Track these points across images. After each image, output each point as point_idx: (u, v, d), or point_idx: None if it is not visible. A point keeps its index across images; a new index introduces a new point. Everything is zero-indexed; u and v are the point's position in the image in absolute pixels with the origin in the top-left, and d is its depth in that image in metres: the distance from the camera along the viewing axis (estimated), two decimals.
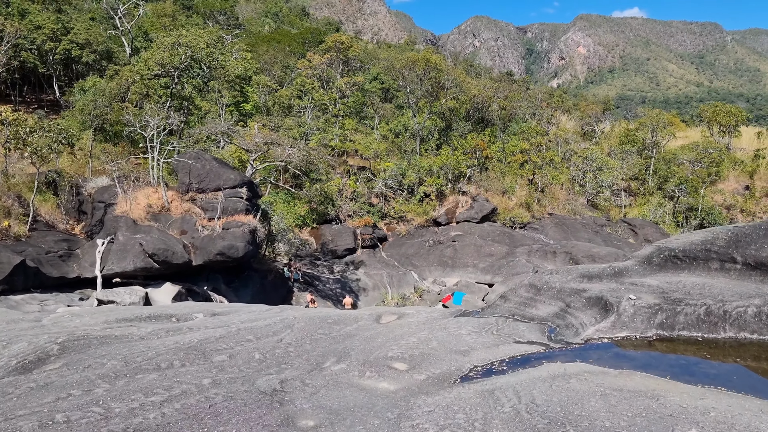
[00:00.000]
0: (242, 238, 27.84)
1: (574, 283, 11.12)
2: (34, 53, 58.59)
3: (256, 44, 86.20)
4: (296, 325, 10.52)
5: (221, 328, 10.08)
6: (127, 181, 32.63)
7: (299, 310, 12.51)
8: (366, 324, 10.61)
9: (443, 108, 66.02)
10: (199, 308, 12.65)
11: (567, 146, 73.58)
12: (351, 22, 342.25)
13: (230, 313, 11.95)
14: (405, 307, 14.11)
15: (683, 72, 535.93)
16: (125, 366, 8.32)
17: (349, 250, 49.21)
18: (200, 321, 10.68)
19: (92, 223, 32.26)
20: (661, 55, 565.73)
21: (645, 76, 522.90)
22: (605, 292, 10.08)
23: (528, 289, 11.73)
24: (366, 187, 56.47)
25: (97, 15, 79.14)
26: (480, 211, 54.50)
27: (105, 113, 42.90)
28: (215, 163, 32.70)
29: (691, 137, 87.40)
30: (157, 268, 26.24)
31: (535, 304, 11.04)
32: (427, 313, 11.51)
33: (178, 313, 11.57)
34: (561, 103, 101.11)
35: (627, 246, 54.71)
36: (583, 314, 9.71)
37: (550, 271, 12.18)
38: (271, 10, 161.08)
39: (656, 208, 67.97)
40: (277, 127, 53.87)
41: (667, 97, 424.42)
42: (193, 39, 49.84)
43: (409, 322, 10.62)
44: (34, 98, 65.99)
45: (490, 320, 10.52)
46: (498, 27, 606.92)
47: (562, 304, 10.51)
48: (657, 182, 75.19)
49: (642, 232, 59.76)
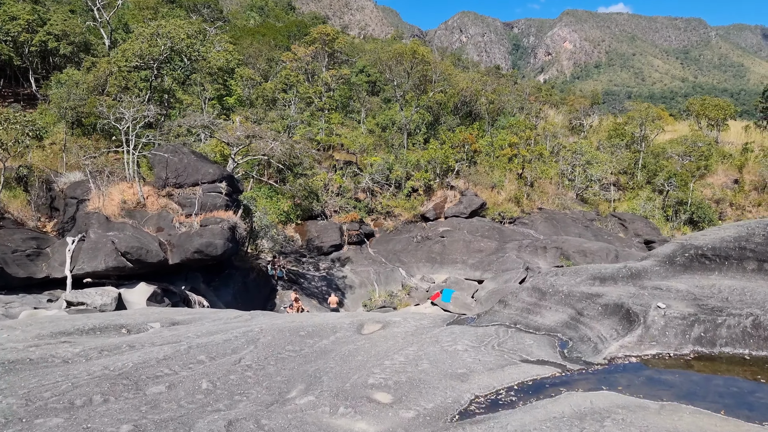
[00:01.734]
0: (221, 235, 26.46)
1: (584, 286, 9.83)
2: (9, 45, 56.58)
3: (240, 37, 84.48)
4: (261, 339, 9.07)
5: (170, 345, 8.63)
6: (101, 176, 31.09)
7: (270, 319, 11.06)
8: (345, 336, 9.27)
9: (431, 101, 64.83)
10: (158, 316, 11.31)
11: (555, 140, 72.78)
12: (338, 17, 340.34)
13: (192, 322, 10.59)
14: (391, 313, 12.48)
15: (668, 67, 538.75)
16: (25, 406, 6.50)
17: (336, 246, 47.95)
18: (151, 334, 9.33)
19: (64, 220, 30.72)
20: (646, 51, 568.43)
21: (630, 71, 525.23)
22: (625, 297, 8.76)
23: (531, 293, 10.45)
24: (352, 182, 55.19)
25: (77, 7, 77.07)
26: (469, 206, 53.40)
27: (78, 106, 41.21)
28: (193, 157, 31.25)
29: (679, 131, 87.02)
30: (130, 267, 24.82)
31: (540, 310, 9.76)
32: (415, 320, 10.19)
33: (131, 323, 10.24)
34: (549, 97, 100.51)
35: (617, 240, 53.95)
36: (600, 325, 8.41)
37: (555, 272, 10.85)
38: (256, 4, 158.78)
39: (645, 202, 67.32)
40: (260, 119, 52.39)
41: (652, 92, 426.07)
42: (173, 29, 48.32)
43: (395, 333, 9.32)
44: (10, 92, 63.86)
45: (489, 331, 9.25)
46: (485, 22, 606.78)
47: (573, 311, 9.25)
48: (646, 176, 74.61)
49: (632, 226, 59.01)
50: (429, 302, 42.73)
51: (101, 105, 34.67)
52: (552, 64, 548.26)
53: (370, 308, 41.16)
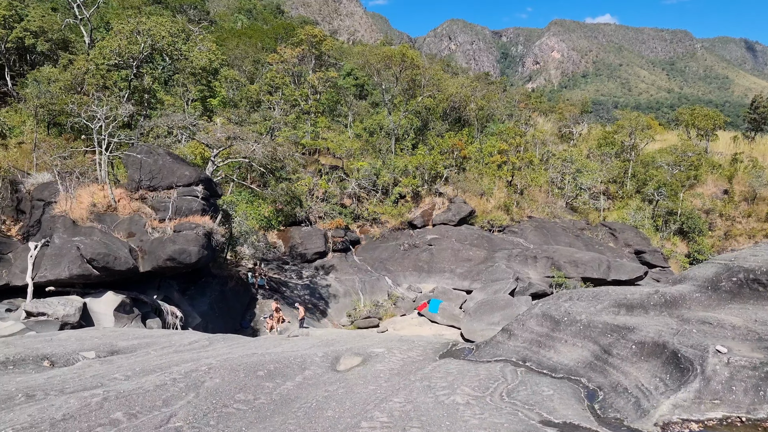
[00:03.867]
0: (195, 242, 24.79)
1: (607, 315, 8.16)
2: None
3: (226, 39, 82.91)
4: (207, 383, 7.14)
5: (81, 395, 6.72)
6: (70, 178, 29.31)
7: (228, 348, 9.29)
8: (316, 375, 7.48)
9: (420, 106, 63.49)
10: (98, 341, 9.66)
11: (545, 148, 71.77)
12: (327, 22, 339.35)
13: (136, 350, 8.97)
14: (373, 340, 10.41)
15: (654, 78, 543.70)
16: None
17: (320, 253, 46.32)
18: (74, 371, 7.70)
19: (30, 223, 28.89)
20: (633, 61, 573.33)
21: (617, 81, 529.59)
22: (666, 334, 6.99)
23: (541, 322, 8.70)
24: (338, 187, 53.59)
25: (59, 5, 75.12)
26: (457, 214, 52.00)
27: (50, 104, 39.35)
28: (169, 159, 29.56)
29: (668, 141, 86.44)
30: (96, 275, 23.07)
31: (554, 344, 8.09)
32: (401, 352, 8.61)
33: (58, 352, 8.62)
34: (539, 104, 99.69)
35: (608, 250, 52.85)
36: (636, 370, 6.66)
37: (569, 296, 9.21)
38: (244, 7, 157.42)
39: (635, 212, 66.51)
40: (242, 121, 50.71)
41: (638, 103, 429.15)
42: (154, 27, 46.62)
43: (378, 371, 7.55)
44: None
45: (493, 370, 7.55)
46: (474, 30, 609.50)
47: (596, 347, 7.58)
48: (635, 185, 73.85)
49: (622, 236, 57.99)
50: (416, 313, 41.26)
51: (72, 103, 32.86)
52: (540, 73, 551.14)
53: (354, 318, 39.61)
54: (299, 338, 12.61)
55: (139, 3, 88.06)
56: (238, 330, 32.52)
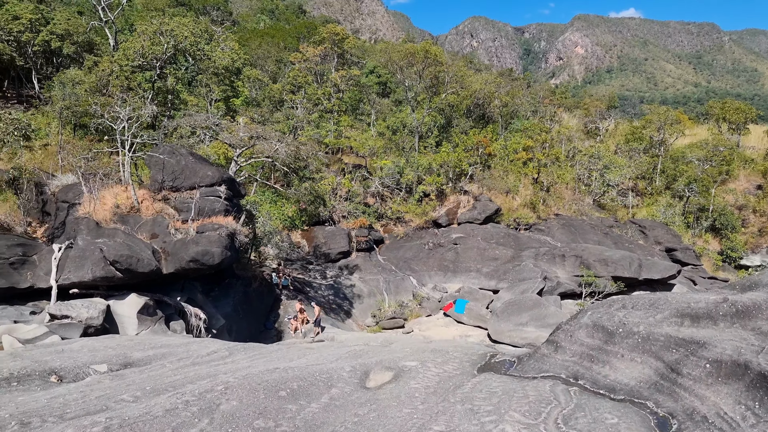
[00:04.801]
0: (218, 243, 24.46)
1: (669, 327, 7.22)
2: (12, 45, 55.15)
3: (248, 39, 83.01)
4: (223, 405, 6.45)
5: (82, 421, 6.00)
6: (94, 179, 29.24)
7: (249, 360, 8.69)
8: (343, 394, 6.82)
9: (443, 103, 62.68)
10: (112, 352, 9.20)
11: (571, 144, 70.48)
12: (349, 21, 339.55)
13: (151, 362, 8.49)
14: (404, 351, 9.45)
15: (681, 72, 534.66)
16: None
17: (343, 253, 45.90)
18: (80, 389, 7.19)
19: (55, 225, 28.90)
20: (658, 56, 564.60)
21: (643, 76, 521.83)
22: (747, 352, 6.03)
23: (591, 333, 7.88)
24: (361, 186, 53.09)
25: (85, 9, 75.95)
26: (483, 212, 51.17)
27: (74, 105, 39.49)
28: (192, 159, 29.32)
29: (699, 135, 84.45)
30: (119, 277, 22.85)
31: (609, 358, 7.24)
32: (436, 366, 7.85)
33: (68, 366, 8.17)
34: (563, 100, 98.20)
35: (638, 248, 51.60)
36: (714, 393, 5.74)
37: (622, 303, 8.33)
38: (266, 7, 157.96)
39: (665, 208, 64.91)
40: (265, 120, 50.45)
41: (665, 97, 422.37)
42: (176, 27, 46.65)
43: (412, 389, 6.87)
44: (14, 93, 62.49)
45: (542, 390, 6.76)
46: (496, 27, 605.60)
47: (660, 364, 6.72)
48: (665, 181, 72.24)
49: (652, 233, 56.61)
50: (441, 313, 40.66)
51: (96, 104, 32.82)
52: (563, 68, 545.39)
53: (379, 319, 39.09)
54: (324, 345, 12.08)
55: (162, 5, 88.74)
56: (262, 331, 32.23)
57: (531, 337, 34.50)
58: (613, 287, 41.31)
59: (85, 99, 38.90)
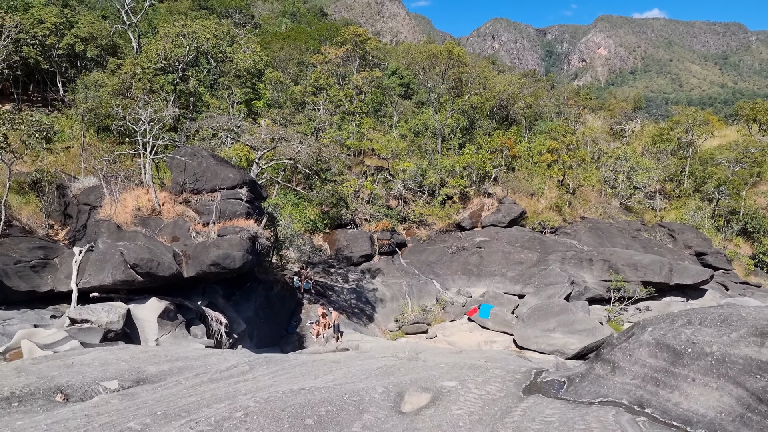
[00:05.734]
0: (239, 246, 23.97)
1: (748, 348, 6.29)
2: (37, 49, 55.58)
3: (270, 41, 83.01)
4: None
5: None
6: (116, 181, 29.02)
7: (271, 376, 7.91)
8: (377, 421, 6.05)
9: (466, 105, 61.81)
10: (125, 366, 8.54)
11: (596, 146, 69.11)
12: (370, 24, 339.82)
13: (166, 378, 7.85)
14: (440, 369, 8.40)
15: (707, 73, 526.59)
16: None
17: (366, 256, 45.27)
18: (85, 411, 6.61)
19: (76, 228, 28.72)
20: (683, 56, 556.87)
21: (667, 77, 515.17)
22: None
23: (654, 352, 6.98)
24: (384, 188, 52.46)
25: (109, 13, 76.57)
26: (507, 215, 50.18)
27: (96, 107, 39.46)
28: (213, 161, 28.94)
29: (728, 137, 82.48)
30: (140, 281, 22.47)
31: (678, 383, 6.37)
32: (477, 387, 7.09)
33: (75, 383, 7.57)
34: (588, 101, 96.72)
35: (668, 252, 50.25)
36: None
37: (687, 318, 7.41)
38: (288, 11, 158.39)
39: (695, 211, 63.24)
40: (287, 121, 50.07)
41: (690, 99, 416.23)
42: (198, 29, 46.52)
43: (454, 417, 6.10)
44: (39, 96, 63.08)
45: (605, 419, 5.88)
46: (517, 29, 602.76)
47: (742, 391, 5.84)
48: (693, 184, 70.55)
49: (681, 237, 55.09)
50: (466, 318, 39.82)
51: (117, 106, 32.65)
52: (586, 70, 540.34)
53: (402, 324, 38.42)
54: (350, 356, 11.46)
55: (185, 9, 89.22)
56: (283, 336, 31.73)
57: (558, 343, 33.57)
58: (643, 292, 40.16)
59: (107, 101, 38.82)
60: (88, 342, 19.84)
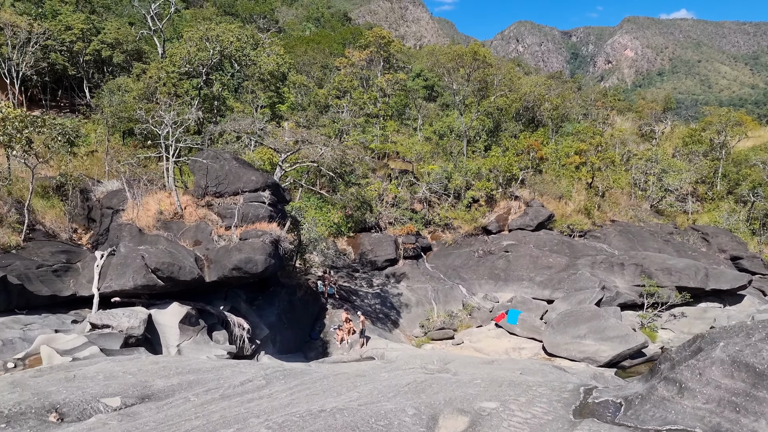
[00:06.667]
0: (262, 250, 23.45)
1: None
2: (65, 55, 56.17)
3: (294, 46, 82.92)
4: None
5: None
6: (138, 185, 28.78)
7: (289, 393, 7.18)
8: None
9: (492, 107, 60.82)
10: (131, 380, 7.87)
11: (625, 148, 67.55)
12: (393, 29, 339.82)
13: (173, 395, 7.19)
14: (477, 392, 7.30)
15: (737, 74, 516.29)
16: None
17: (390, 261, 44.56)
18: None
19: (99, 232, 28.54)
20: (712, 57, 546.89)
21: (696, 78, 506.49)
22: None
23: (730, 372, 6.00)
24: (408, 191, 51.72)
25: (136, 20, 77.26)
26: (535, 218, 49.08)
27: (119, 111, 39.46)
28: (235, 164, 28.53)
29: (762, 137, 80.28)
30: (161, 285, 22.08)
31: (763, 409, 5.48)
32: (521, 408, 6.30)
33: (74, 400, 6.92)
34: (616, 102, 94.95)
35: (702, 257, 48.68)
36: None
37: (765, 330, 6.72)
38: (312, 16, 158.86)
39: (728, 214, 61.36)
40: (310, 124, 49.64)
41: (720, 100, 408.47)
42: (222, 33, 46.41)
43: None
44: (68, 102, 63.74)
45: None
46: (542, 31, 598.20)
47: None
48: (727, 186, 68.66)
49: (715, 241, 53.40)
50: (493, 324, 38.87)
51: (140, 109, 32.48)
52: (612, 72, 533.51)
53: (428, 329, 37.61)
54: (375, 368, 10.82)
55: (210, 14, 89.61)
56: (306, 342, 31.17)
57: (590, 350, 32.51)
58: (677, 298, 38.84)
59: (131, 105, 38.79)
60: (109, 348, 19.49)
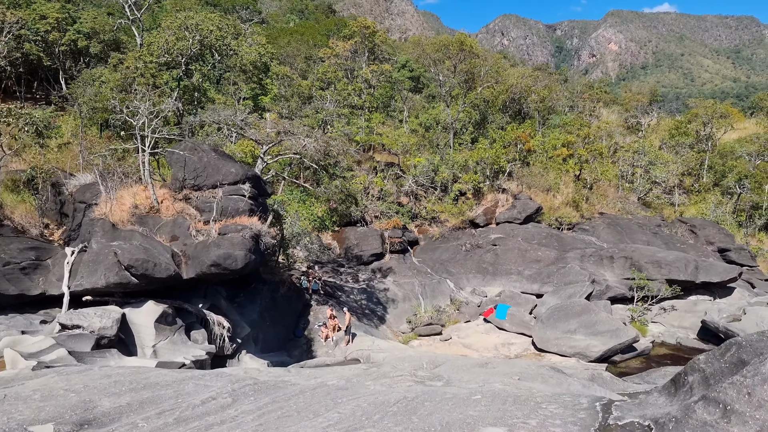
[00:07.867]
0: (241, 246, 22.34)
1: None
2: (39, 45, 54.32)
3: (277, 37, 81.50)
4: None
5: None
6: (113, 178, 27.51)
7: (256, 415, 6.12)
8: None
9: (478, 99, 59.94)
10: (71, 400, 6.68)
11: (612, 140, 67.08)
12: (378, 21, 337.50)
13: (119, 418, 5.92)
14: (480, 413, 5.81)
15: (719, 67, 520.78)
16: None
17: (376, 255, 43.60)
18: None
19: (72, 227, 27.27)
20: (695, 51, 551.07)
21: (679, 72, 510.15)
22: None
23: None
24: (394, 184, 50.76)
25: (114, 10, 75.37)
26: (523, 211, 48.34)
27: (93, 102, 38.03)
28: (214, 155, 27.37)
29: (747, 129, 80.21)
30: (135, 283, 20.90)
31: None
32: (542, 427, 5.15)
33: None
34: (603, 95, 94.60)
35: (691, 249, 48.26)
36: None
37: None
38: (296, 7, 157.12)
39: (715, 206, 61.14)
40: (293, 114, 48.42)
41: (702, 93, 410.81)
42: (202, 21, 45.03)
43: None
44: (43, 94, 61.93)
45: None
46: (527, 25, 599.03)
47: None
48: (713, 178, 68.49)
49: (702, 233, 53.00)
50: (481, 319, 38.10)
51: (114, 99, 31.15)
52: (596, 65, 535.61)
53: (415, 325, 36.77)
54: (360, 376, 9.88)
55: (191, 5, 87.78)
56: (290, 339, 30.16)
57: (580, 345, 31.85)
58: (668, 291, 38.32)
59: (107, 96, 37.37)
60: (79, 350, 18.37)
